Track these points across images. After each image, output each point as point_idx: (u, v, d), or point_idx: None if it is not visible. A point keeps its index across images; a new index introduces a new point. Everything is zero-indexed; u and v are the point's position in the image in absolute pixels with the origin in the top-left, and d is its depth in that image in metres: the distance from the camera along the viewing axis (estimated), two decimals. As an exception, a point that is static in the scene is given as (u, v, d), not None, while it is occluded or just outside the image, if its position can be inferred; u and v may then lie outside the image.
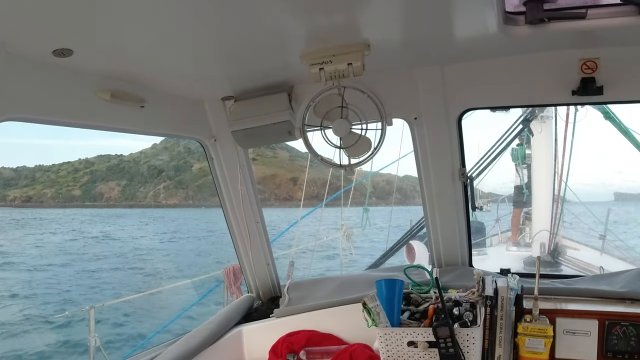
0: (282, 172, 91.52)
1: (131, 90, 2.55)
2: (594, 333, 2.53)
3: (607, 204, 18.23)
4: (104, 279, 24.38)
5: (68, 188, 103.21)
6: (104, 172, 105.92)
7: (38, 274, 26.20)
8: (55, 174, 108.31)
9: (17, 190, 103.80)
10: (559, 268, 9.02)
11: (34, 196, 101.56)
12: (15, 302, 20.09)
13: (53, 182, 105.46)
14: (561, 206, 9.68)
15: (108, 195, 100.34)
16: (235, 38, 2.15)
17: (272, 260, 3.74)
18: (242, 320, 3.39)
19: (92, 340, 6.06)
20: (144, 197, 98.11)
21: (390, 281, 2.54)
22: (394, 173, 10.45)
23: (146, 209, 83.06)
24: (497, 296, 2.47)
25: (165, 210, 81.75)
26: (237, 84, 2.98)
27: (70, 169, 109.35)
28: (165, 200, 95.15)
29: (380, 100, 2.53)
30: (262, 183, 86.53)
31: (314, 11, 1.93)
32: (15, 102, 2.00)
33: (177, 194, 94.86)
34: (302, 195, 9.16)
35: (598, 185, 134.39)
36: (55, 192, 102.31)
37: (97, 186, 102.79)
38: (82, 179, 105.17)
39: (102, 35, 1.93)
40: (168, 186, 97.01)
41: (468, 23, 2.24)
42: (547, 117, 9.41)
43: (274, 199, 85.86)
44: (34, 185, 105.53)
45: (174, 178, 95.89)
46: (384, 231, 10.93)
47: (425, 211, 3.36)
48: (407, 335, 2.42)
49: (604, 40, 2.56)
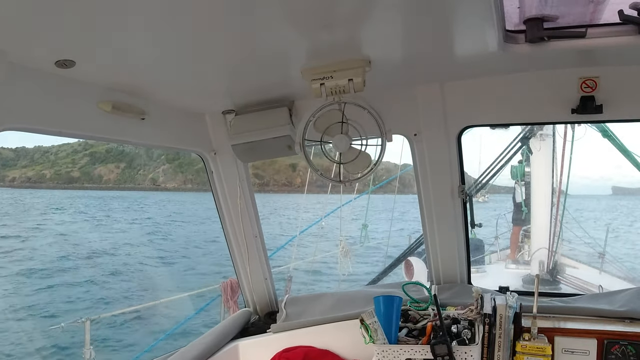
0: (281, 158, 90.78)
1: (132, 102, 2.55)
2: (593, 352, 2.51)
3: (605, 198, 18.25)
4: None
5: (67, 169, 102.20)
6: (103, 154, 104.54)
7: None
8: (55, 155, 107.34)
9: (16, 170, 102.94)
10: (558, 286, 9.00)
11: (33, 177, 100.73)
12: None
13: (52, 164, 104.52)
14: (560, 224, 9.68)
15: (107, 177, 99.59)
16: (236, 53, 2.16)
17: (270, 275, 3.72)
18: (238, 335, 3.37)
19: (87, 352, 6.01)
20: (142, 180, 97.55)
21: (389, 298, 2.53)
22: (392, 162, 10.36)
23: (146, 192, 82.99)
24: (495, 314, 2.46)
25: (170, 194, 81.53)
26: (238, 98, 2.99)
27: (69, 150, 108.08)
28: (164, 183, 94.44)
29: (380, 116, 2.54)
30: (261, 168, 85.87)
31: (316, 27, 1.94)
32: (16, 112, 2.01)
33: (177, 178, 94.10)
34: (307, 182, 9.17)
35: (597, 179, 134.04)
36: (54, 173, 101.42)
37: (96, 168, 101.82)
38: (81, 161, 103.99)
39: (104, 47, 1.94)
40: (167, 170, 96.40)
41: (468, 41, 2.26)
42: (546, 135, 9.44)
43: (273, 184, 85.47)
44: (33, 166, 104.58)
45: (173, 161, 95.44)
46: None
47: (425, 228, 3.35)
48: (404, 353, 2.40)
49: (604, 59, 2.58)
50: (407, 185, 18.31)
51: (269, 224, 30.01)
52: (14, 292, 18.52)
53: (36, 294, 18.38)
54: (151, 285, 19.38)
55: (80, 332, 6.14)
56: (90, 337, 6.07)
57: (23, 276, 21.04)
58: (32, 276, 21.13)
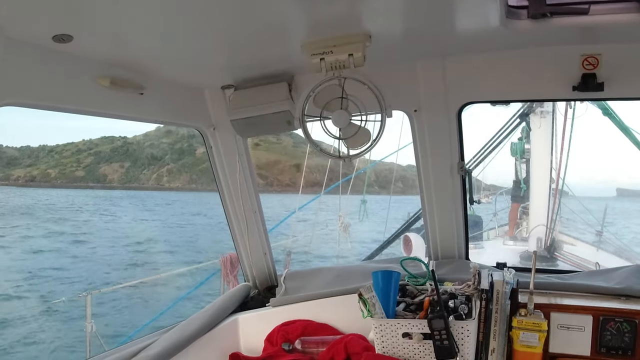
0: (285, 159, 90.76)
1: (131, 77, 2.54)
2: (588, 328, 2.54)
3: (608, 200, 18.28)
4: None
5: (72, 169, 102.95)
6: (108, 154, 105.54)
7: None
8: (59, 154, 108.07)
9: (21, 169, 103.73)
10: (555, 263, 9.06)
11: (37, 176, 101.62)
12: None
13: (57, 163, 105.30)
14: (559, 201, 9.70)
15: (111, 176, 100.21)
16: (236, 27, 2.14)
17: (269, 250, 3.74)
18: (238, 309, 3.40)
19: (89, 326, 6.08)
20: (147, 179, 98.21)
21: (387, 273, 2.55)
22: (396, 163, 10.46)
23: (151, 191, 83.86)
24: (492, 290, 2.48)
25: (178, 194, 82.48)
26: (237, 73, 2.97)
27: (74, 149, 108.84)
28: (168, 183, 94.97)
29: (380, 91, 2.52)
30: (264, 169, 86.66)
31: (316, 1, 1.92)
32: (14, 87, 2.00)
33: (181, 178, 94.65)
34: (302, 182, 9.19)
35: (601, 181, 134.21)
36: (59, 173, 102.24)
37: (100, 167, 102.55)
38: (86, 160, 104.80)
39: (102, 21, 1.92)
40: (171, 169, 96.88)
41: (470, 16, 2.23)
42: (546, 112, 9.40)
43: (277, 184, 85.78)
44: (37, 165, 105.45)
45: (177, 161, 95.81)
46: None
47: (423, 204, 3.36)
48: (402, 327, 2.43)
49: (606, 36, 2.55)
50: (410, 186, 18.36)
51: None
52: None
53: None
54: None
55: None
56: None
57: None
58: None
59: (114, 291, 12.02)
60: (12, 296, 18.30)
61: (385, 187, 11.87)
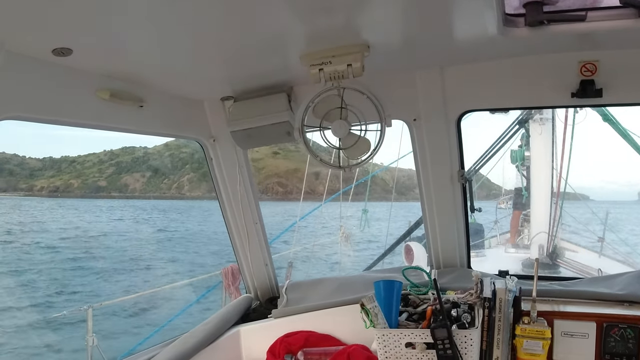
0: (304, 167, 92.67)
1: (130, 90, 2.55)
2: (592, 335, 2.53)
3: (630, 204, 18.21)
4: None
5: (94, 179, 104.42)
6: (129, 164, 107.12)
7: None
8: (81, 165, 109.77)
9: (44, 180, 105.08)
10: (557, 270, 9.02)
11: (61, 186, 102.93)
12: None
13: (79, 173, 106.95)
14: (560, 208, 9.68)
15: (133, 186, 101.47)
16: (234, 39, 2.15)
17: (270, 261, 3.74)
18: (240, 321, 3.39)
19: (90, 339, 6.04)
20: (168, 188, 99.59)
21: (389, 282, 2.54)
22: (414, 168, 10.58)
23: (172, 200, 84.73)
24: (495, 298, 2.47)
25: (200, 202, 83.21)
26: (236, 84, 2.98)
27: (95, 160, 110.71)
28: (189, 192, 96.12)
29: (379, 101, 2.53)
30: (284, 177, 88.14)
31: (314, 12, 1.93)
32: (14, 101, 2.00)
33: (201, 187, 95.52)
34: (302, 189, 9.25)
35: (623, 184, 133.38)
36: (81, 183, 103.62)
37: (122, 177, 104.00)
38: (108, 170, 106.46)
39: (101, 34, 1.93)
40: (192, 178, 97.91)
41: (468, 25, 2.24)
42: (546, 119, 9.40)
43: (296, 192, 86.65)
44: (60, 175, 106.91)
45: (197, 170, 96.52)
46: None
47: (424, 212, 3.36)
48: (405, 337, 2.42)
49: (604, 42, 2.56)
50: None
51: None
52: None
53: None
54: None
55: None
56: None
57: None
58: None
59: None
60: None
61: (405, 193, 11.98)
